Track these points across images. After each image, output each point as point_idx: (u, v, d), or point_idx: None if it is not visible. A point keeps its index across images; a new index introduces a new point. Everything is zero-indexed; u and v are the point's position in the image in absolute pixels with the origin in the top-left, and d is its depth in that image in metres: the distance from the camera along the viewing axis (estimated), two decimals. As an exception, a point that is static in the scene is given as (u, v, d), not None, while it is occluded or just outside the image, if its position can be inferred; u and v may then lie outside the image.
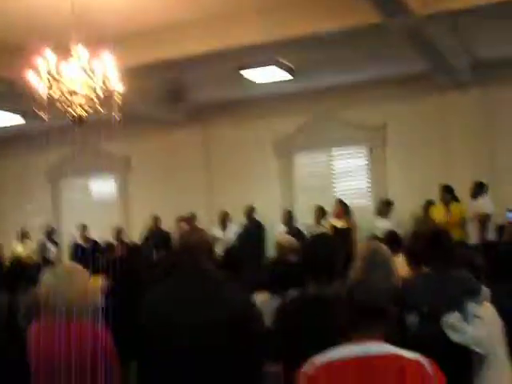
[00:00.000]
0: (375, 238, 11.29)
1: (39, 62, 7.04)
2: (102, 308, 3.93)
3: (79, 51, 7.17)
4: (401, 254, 5.61)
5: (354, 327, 2.92)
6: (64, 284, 3.52)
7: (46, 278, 3.63)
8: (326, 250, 3.58)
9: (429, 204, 11.51)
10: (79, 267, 3.69)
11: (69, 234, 14.26)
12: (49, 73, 7.04)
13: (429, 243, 4.22)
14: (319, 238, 4.11)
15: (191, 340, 3.37)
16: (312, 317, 3.41)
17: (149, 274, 6.54)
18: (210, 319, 3.37)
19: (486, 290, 4.21)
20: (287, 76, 11.40)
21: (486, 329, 3.82)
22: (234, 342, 3.33)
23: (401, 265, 5.13)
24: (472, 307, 3.84)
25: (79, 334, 3.49)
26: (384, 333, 2.93)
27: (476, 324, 3.80)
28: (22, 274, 6.23)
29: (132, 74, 8.19)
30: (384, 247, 4.60)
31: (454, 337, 3.77)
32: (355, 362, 2.83)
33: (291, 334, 3.50)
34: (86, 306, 3.58)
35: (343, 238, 11.10)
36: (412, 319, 4.02)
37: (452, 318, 3.80)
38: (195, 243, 3.56)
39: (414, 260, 5.02)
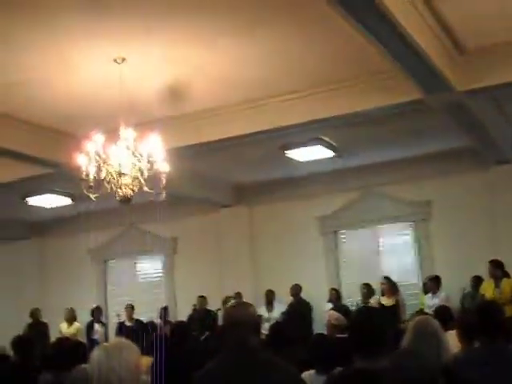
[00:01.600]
0: (424, 314, 11.18)
1: (89, 145, 7.25)
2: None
3: (127, 134, 7.37)
4: (452, 331, 5.52)
5: None
6: (115, 359, 3.52)
7: (97, 353, 3.63)
8: (373, 323, 3.51)
9: (478, 280, 11.32)
10: (130, 343, 3.68)
11: (115, 315, 14.26)
12: (98, 155, 7.24)
13: (480, 316, 4.15)
14: (367, 311, 4.06)
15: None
16: None
17: (197, 351, 6.54)
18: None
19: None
20: (331, 154, 11.50)
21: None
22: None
23: (453, 341, 5.05)
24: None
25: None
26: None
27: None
28: (67, 352, 6.25)
29: (177, 156, 8.37)
30: (434, 321, 4.53)
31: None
32: None
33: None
34: (135, 382, 3.56)
35: (391, 315, 10.96)
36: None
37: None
38: (242, 318, 3.55)
39: (465, 335, 4.94)
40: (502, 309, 4.31)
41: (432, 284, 11.85)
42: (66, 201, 13.80)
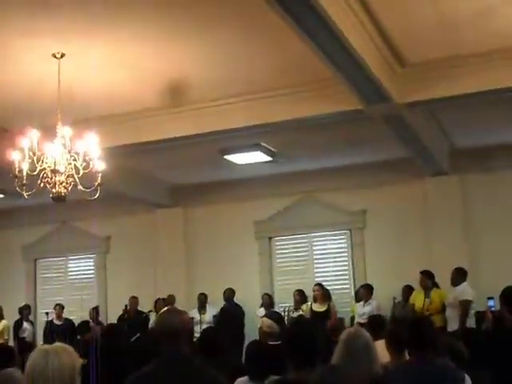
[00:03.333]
0: (356, 322, 11.30)
1: (23, 141, 7.08)
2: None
3: (63, 131, 7.23)
4: (382, 340, 5.56)
5: None
6: (51, 363, 3.45)
7: (35, 355, 3.55)
8: (306, 336, 3.52)
9: (408, 289, 11.50)
10: (67, 347, 3.61)
11: (44, 313, 13.99)
12: (32, 151, 7.08)
13: (411, 331, 4.19)
14: (299, 323, 4.07)
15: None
16: None
17: (126, 355, 6.46)
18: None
19: (468, 379, 4.17)
20: (268, 158, 11.53)
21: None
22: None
23: (382, 350, 5.09)
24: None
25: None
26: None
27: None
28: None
29: (113, 155, 8.25)
30: (365, 332, 4.56)
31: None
32: None
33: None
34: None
35: (322, 322, 11.04)
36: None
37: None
38: (176, 327, 3.51)
39: (395, 346, 4.99)
40: (432, 324, 4.37)
41: (364, 292, 11.99)
42: (-3, 195, 13.49)
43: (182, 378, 3.42)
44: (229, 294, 13.17)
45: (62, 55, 7.29)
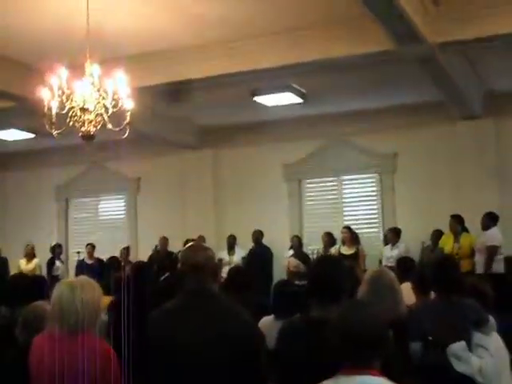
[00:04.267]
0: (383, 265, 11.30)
1: (52, 79, 7.06)
2: (108, 323, 3.91)
3: (92, 69, 7.19)
4: (407, 283, 5.55)
5: (347, 356, 2.73)
6: (77, 295, 3.52)
7: (59, 288, 3.62)
8: (332, 272, 3.49)
9: (438, 233, 11.44)
10: (93, 281, 3.68)
11: (76, 253, 14.20)
12: (61, 90, 7.06)
13: (436, 272, 4.17)
14: (325, 260, 4.04)
15: (193, 359, 3.32)
16: (311, 340, 3.30)
17: (154, 292, 6.52)
18: (213, 339, 3.32)
19: (493, 321, 4.15)
20: (299, 100, 11.43)
21: (491, 360, 3.75)
22: (235, 363, 3.27)
23: (408, 292, 5.08)
24: (478, 337, 3.78)
25: (86, 345, 3.47)
26: (381, 363, 2.73)
27: (481, 354, 3.74)
28: (23, 288, 6.19)
29: (144, 95, 8.22)
30: (390, 273, 4.54)
31: (458, 366, 3.71)
32: None
33: (290, 356, 3.43)
34: (95, 320, 3.57)
35: (350, 265, 11.05)
36: (416, 347, 3.96)
37: (457, 348, 3.73)
38: (201, 262, 3.51)
39: (421, 288, 4.98)
40: (457, 264, 4.34)
41: (391, 235, 11.98)
42: (28, 135, 13.59)
43: (205, 313, 3.43)
44: (257, 235, 13.23)
45: (91, -10, 7.22)
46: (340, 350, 2.75)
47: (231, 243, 13.21)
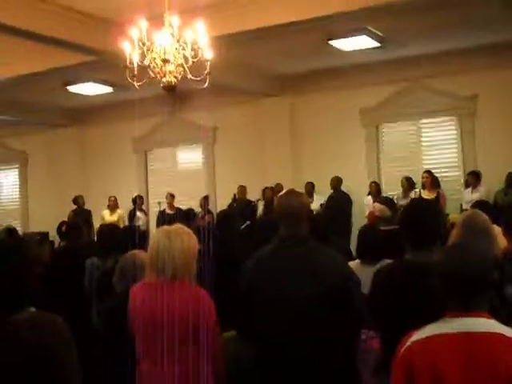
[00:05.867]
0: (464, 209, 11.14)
1: (132, 31, 7.11)
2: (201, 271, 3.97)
3: (171, 20, 7.20)
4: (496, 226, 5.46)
5: (454, 299, 2.67)
6: (174, 243, 3.57)
7: (156, 237, 3.68)
8: (426, 216, 3.45)
9: (512, 176, 11.25)
10: (187, 229, 3.72)
11: (156, 203, 14.45)
12: (141, 42, 7.11)
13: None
14: (418, 204, 4.00)
15: (293, 306, 3.37)
16: (410, 284, 3.27)
17: (236, 241, 6.60)
18: (308, 281, 3.37)
19: None
20: (376, 44, 11.24)
21: None
22: (333, 308, 3.31)
23: (498, 234, 5.00)
24: None
25: (184, 292, 3.53)
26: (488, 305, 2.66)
27: None
28: (112, 238, 6.34)
29: (220, 44, 8.20)
30: (483, 215, 4.47)
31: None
32: (456, 339, 2.58)
33: (387, 300, 3.39)
34: (191, 267, 3.62)
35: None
36: (511, 291, 3.91)
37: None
38: (295, 207, 3.53)
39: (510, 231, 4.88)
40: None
41: (471, 179, 11.80)
42: (106, 89, 13.80)
43: (299, 259, 3.47)
44: (336, 182, 13.19)
45: None
46: (447, 292, 2.70)
47: (309, 190, 13.19)
